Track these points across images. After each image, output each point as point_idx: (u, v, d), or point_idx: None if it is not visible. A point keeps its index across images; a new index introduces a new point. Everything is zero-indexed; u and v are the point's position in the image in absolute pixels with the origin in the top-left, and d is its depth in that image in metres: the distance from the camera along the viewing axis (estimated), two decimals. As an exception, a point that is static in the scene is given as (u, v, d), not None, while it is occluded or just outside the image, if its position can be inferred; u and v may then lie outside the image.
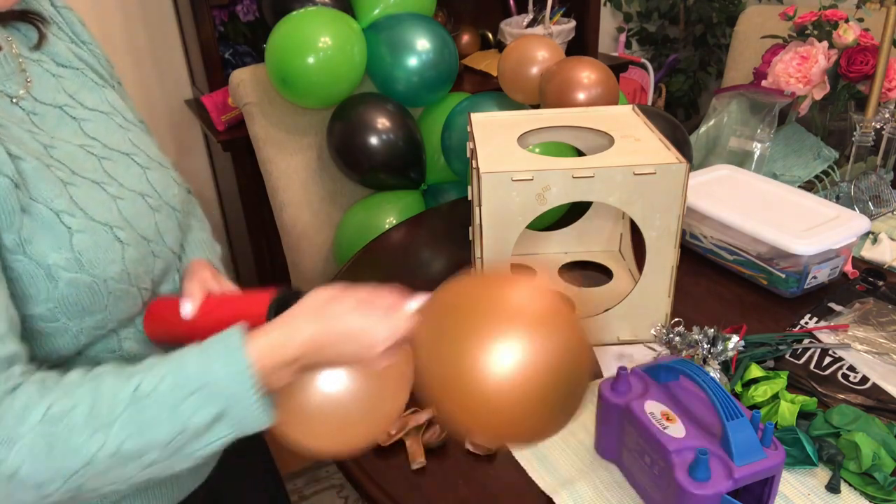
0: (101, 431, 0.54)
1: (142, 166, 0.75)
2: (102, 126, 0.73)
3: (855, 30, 1.52)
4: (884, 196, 1.37)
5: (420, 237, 1.44)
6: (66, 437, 0.54)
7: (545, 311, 0.58)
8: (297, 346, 0.60)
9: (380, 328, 0.60)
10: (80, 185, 0.66)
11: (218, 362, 0.58)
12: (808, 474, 0.80)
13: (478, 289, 0.61)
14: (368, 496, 0.82)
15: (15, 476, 0.53)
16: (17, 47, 0.70)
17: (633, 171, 0.92)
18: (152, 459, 0.57)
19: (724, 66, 2.34)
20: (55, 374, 0.58)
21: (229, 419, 0.58)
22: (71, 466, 0.54)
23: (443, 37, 1.68)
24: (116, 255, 0.67)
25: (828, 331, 1.04)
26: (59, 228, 0.62)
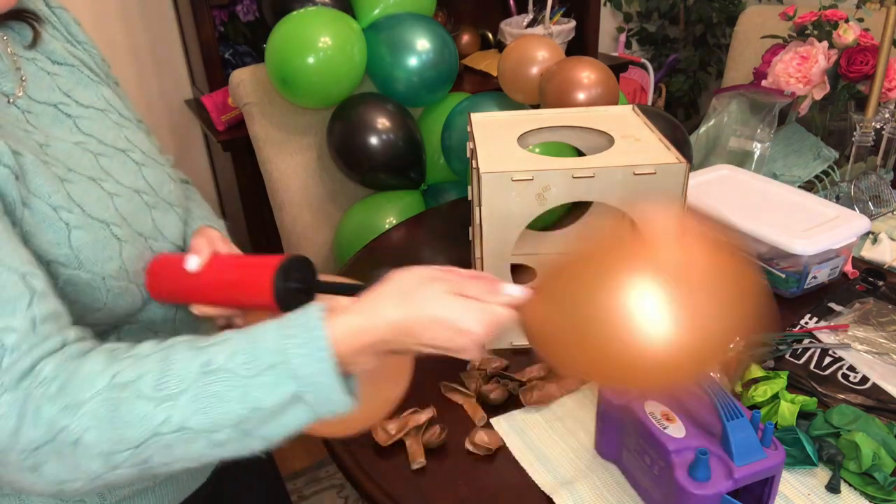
0: (168, 402, 0.52)
1: (137, 163, 0.75)
2: (97, 123, 0.73)
3: (855, 30, 1.52)
4: (884, 196, 1.37)
5: (420, 237, 1.44)
6: (130, 405, 0.52)
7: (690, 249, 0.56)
8: (382, 331, 0.56)
9: (475, 316, 0.56)
10: (77, 181, 0.66)
11: (295, 340, 0.54)
12: (808, 474, 0.80)
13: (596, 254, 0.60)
14: (368, 496, 0.82)
15: (79, 442, 0.51)
16: (11, 46, 0.70)
17: (633, 171, 0.92)
18: (223, 438, 0.53)
19: (724, 66, 2.34)
20: (126, 345, 0.57)
21: (306, 402, 0.54)
22: (136, 436, 0.52)
23: (443, 37, 1.68)
24: (114, 251, 0.66)
25: (828, 331, 1.04)
26: (57, 224, 0.62)
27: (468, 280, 0.58)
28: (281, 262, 0.67)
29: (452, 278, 0.58)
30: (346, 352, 0.55)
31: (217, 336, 0.56)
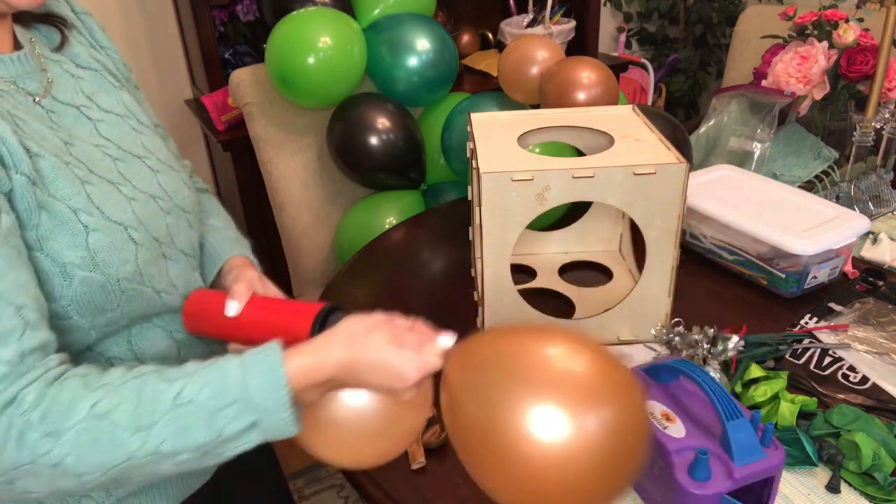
0: (143, 431, 0.57)
1: (153, 169, 0.76)
2: (117, 128, 0.74)
3: (855, 30, 1.52)
4: (884, 196, 1.37)
5: (420, 237, 1.44)
6: (109, 433, 0.57)
7: (598, 377, 0.55)
8: (330, 370, 0.62)
9: (410, 363, 0.63)
10: (97, 184, 0.67)
11: (256, 378, 0.60)
12: (808, 474, 0.80)
13: (518, 342, 0.59)
14: (368, 496, 0.82)
15: (59, 465, 0.56)
16: (39, 48, 0.71)
17: (633, 171, 0.92)
18: (185, 459, 0.59)
19: (724, 66, 2.34)
20: (97, 370, 0.60)
21: (260, 428, 0.61)
22: (112, 461, 0.57)
23: (443, 37, 1.68)
24: (130, 255, 0.68)
25: (828, 331, 1.04)
26: (75, 227, 0.63)
27: (406, 331, 0.65)
28: (318, 312, 0.71)
29: (393, 329, 0.65)
30: (299, 388, 0.61)
31: (184, 368, 0.61)
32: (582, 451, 0.51)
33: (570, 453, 0.51)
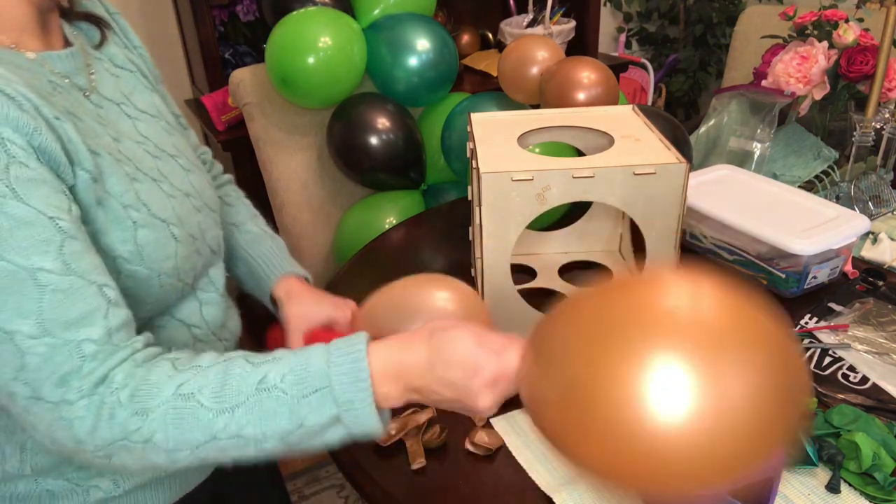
0: (227, 413, 0.57)
1: (185, 168, 0.78)
2: (152, 127, 0.76)
3: (855, 30, 1.52)
4: (884, 196, 1.37)
5: (420, 237, 1.44)
6: (194, 412, 0.57)
7: (729, 318, 0.42)
8: (411, 365, 0.60)
9: (489, 362, 0.59)
10: (143, 181, 0.69)
11: (340, 368, 0.59)
12: (808, 474, 0.80)
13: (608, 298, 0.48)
14: (368, 496, 0.82)
15: (150, 441, 0.57)
16: (84, 45, 0.72)
17: (633, 171, 0.92)
18: (271, 446, 0.59)
19: (724, 66, 2.34)
20: (187, 354, 0.61)
21: (344, 423, 0.59)
22: (197, 439, 0.57)
23: (443, 37, 1.68)
24: (171, 251, 0.69)
25: (828, 331, 1.04)
26: (126, 222, 0.65)
27: (491, 334, 0.63)
28: None
29: (476, 329, 0.62)
30: (382, 380, 0.60)
31: (271, 354, 0.61)
32: (719, 415, 0.42)
33: (703, 418, 0.41)
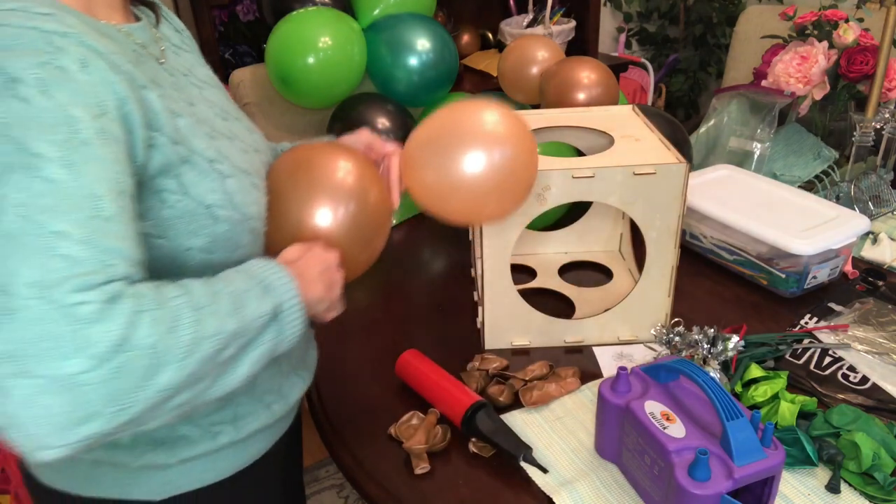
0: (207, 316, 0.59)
1: (249, 130, 0.82)
2: (216, 95, 0.80)
3: (855, 30, 1.52)
4: (884, 196, 1.37)
5: (420, 237, 1.44)
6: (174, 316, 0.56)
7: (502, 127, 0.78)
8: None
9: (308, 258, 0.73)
10: (220, 139, 0.72)
11: (269, 270, 0.67)
12: (808, 474, 0.80)
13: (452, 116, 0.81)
14: (368, 496, 0.82)
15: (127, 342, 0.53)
16: (147, 21, 0.75)
17: (633, 171, 0.92)
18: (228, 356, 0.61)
19: (724, 66, 2.34)
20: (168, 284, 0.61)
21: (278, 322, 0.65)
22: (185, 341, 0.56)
23: (443, 37, 1.68)
24: (254, 198, 0.74)
25: (828, 331, 1.04)
26: (213, 175, 0.68)
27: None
28: (474, 402, 0.87)
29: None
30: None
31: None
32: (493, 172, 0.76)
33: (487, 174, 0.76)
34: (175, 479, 0.73)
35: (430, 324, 1.12)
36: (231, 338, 0.60)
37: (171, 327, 0.56)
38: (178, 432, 0.71)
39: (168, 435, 0.71)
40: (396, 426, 0.89)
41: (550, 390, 0.92)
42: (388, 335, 1.09)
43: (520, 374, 0.96)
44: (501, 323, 1.03)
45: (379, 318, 1.14)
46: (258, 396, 0.76)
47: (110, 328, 0.52)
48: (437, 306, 1.16)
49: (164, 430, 0.71)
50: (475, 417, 0.86)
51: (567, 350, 1.04)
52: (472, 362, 0.99)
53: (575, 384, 0.94)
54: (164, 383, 0.55)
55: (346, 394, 0.96)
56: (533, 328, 1.03)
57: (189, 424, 0.72)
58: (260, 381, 0.76)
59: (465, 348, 1.04)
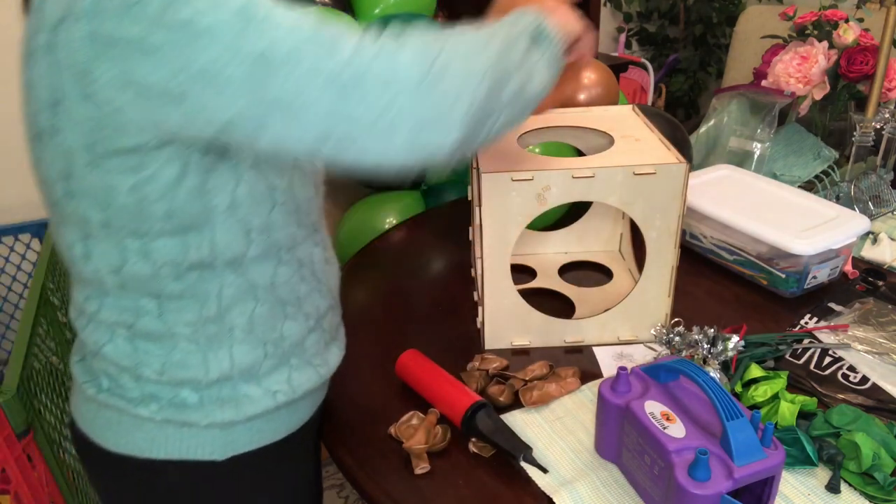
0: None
1: None
2: None
3: (855, 30, 1.52)
4: (884, 196, 1.37)
5: (420, 237, 1.44)
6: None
7: None
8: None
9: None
10: None
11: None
12: (808, 474, 0.80)
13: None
14: (368, 496, 0.82)
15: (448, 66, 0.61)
16: None
17: (633, 172, 0.92)
18: (521, 49, 0.67)
19: (724, 66, 2.34)
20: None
21: (542, 38, 0.70)
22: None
23: (443, 37, 1.68)
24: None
25: (828, 331, 1.04)
26: None
27: None
28: (473, 403, 0.87)
29: None
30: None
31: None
32: None
33: None
34: (237, 438, 0.76)
35: (430, 324, 1.12)
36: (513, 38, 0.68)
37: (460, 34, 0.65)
38: (240, 391, 0.74)
39: (232, 394, 0.74)
40: (396, 426, 0.89)
41: (550, 390, 0.92)
42: (388, 335, 1.09)
43: (520, 374, 0.96)
44: (501, 323, 1.03)
45: (379, 318, 1.14)
46: (308, 359, 0.80)
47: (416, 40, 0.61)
48: (437, 306, 1.16)
49: (227, 389, 0.73)
50: (475, 417, 0.86)
51: (567, 350, 1.04)
52: (472, 362, 0.99)
53: (575, 384, 0.95)
54: (482, 66, 0.62)
55: (346, 394, 0.97)
56: (533, 328, 1.03)
57: (250, 384, 0.74)
58: (309, 344, 0.79)
59: (465, 348, 1.04)
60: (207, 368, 0.71)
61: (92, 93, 0.58)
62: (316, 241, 0.78)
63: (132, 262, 0.65)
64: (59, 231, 0.69)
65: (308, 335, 0.79)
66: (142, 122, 0.58)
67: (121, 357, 0.71)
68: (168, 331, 0.69)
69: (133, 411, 0.72)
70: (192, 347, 0.70)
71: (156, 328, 0.69)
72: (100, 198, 0.63)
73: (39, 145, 0.64)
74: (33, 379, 1.27)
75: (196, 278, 0.67)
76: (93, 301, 0.70)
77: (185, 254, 0.66)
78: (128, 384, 0.72)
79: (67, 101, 0.59)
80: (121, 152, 0.60)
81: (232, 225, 0.67)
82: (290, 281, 0.74)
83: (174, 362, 0.70)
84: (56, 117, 0.61)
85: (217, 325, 0.70)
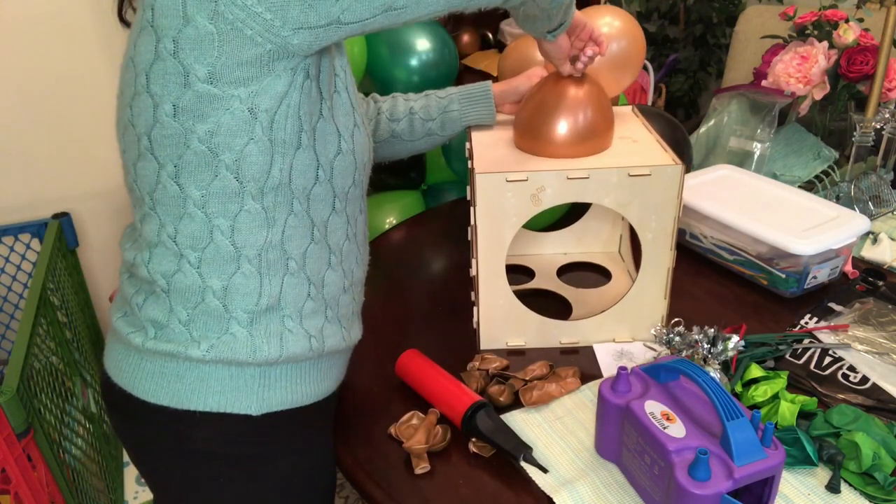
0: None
1: None
2: None
3: (855, 30, 1.52)
4: (884, 196, 1.37)
5: (420, 237, 1.44)
6: None
7: None
8: None
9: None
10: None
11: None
12: (808, 474, 0.80)
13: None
14: (368, 496, 0.82)
15: None
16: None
17: (628, 173, 0.92)
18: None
19: (724, 66, 2.34)
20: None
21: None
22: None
23: (443, 37, 1.68)
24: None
25: (828, 331, 1.04)
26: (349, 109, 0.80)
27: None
28: (474, 402, 0.87)
29: None
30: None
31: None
32: None
33: None
34: (272, 395, 0.78)
35: (430, 324, 1.12)
36: None
37: None
38: (285, 325, 0.77)
39: (278, 328, 0.77)
40: (396, 426, 0.89)
41: (550, 390, 0.92)
42: (388, 335, 1.09)
43: (520, 374, 0.96)
44: (497, 323, 1.03)
45: (379, 318, 1.14)
46: (338, 318, 0.84)
47: None
48: (437, 306, 1.16)
49: (275, 321, 0.77)
50: (475, 417, 0.86)
51: (563, 351, 1.04)
52: (472, 362, 0.99)
53: (575, 384, 0.94)
54: None
55: (346, 394, 0.97)
56: (528, 329, 1.03)
57: (293, 320, 0.78)
58: (342, 304, 0.84)
59: (465, 348, 1.04)
60: (260, 294, 0.75)
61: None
62: (362, 209, 0.86)
63: (221, 177, 0.70)
64: (146, 159, 0.72)
65: (343, 294, 0.84)
66: (261, 31, 0.64)
67: (188, 285, 0.74)
68: (236, 252, 0.73)
69: (184, 353, 0.75)
70: (252, 270, 0.74)
71: (226, 249, 0.73)
72: (206, 114, 0.68)
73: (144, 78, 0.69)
74: (33, 379, 1.27)
75: (271, 201, 0.72)
76: (167, 227, 0.74)
77: (269, 172, 0.71)
78: (178, 326, 0.75)
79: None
80: (241, 64, 0.66)
81: (309, 155, 0.73)
82: (339, 231, 0.80)
83: (235, 285, 0.74)
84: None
85: (278, 251, 0.75)
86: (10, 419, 1.14)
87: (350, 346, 0.88)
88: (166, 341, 0.76)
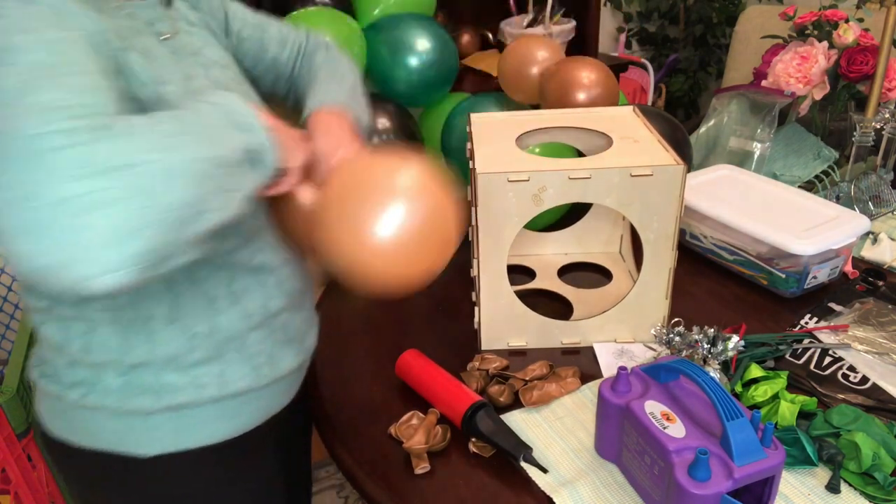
0: (176, 135, 0.59)
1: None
2: (224, 75, 0.80)
3: (855, 30, 1.52)
4: (884, 196, 1.37)
5: (420, 237, 1.44)
6: (151, 127, 0.57)
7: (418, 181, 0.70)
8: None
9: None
10: None
11: (240, 108, 0.66)
12: (808, 474, 0.80)
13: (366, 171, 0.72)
14: (368, 496, 0.82)
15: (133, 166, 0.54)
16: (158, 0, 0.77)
17: (629, 173, 0.92)
18: (206, 171, 0.59)
19: (724, 66, 2.34)
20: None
21: (251, 160, 0.64)
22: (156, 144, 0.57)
23: (443, 37, 1.68)
24: None
25: (828, 331, 1.04)
26: None
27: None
28: (474, 403, 0.87)
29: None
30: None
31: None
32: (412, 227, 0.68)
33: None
34: (162, 434, 0.76)
35: (430, 324, 1.12)
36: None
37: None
38: (162, 379, 0.74)
39: (154, 382, 0.74)
40: (396, 426, 0.89)
41: (551, 390, 0.92)
42: (388, 335, 1.09)
43: (520, 374, 0.96)
44: (497, 324, 1.03)
45: (379, 318, 1.14)
46: (247, 356, 0.78)
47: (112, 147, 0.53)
48: (437, 306, 1.16)
49: (150, 376, 0.74)
50: (475, 417, 0.86)
51: (564, 351, 1.04)
52: (472, 362, 0.99)
53: (575, 384, 0.95)
54: (178, 196, 0.55)
55: (346, 394, 0.97)
56: (529, 329, 1.03)
57: (175, 373, 0.74)
58: (251, 342, 0.78)
59: (465, 348, 1.04)
60: (127, 352, 0.73)
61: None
62: (258, 248, 0.78)
63: None
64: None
65: (249, 333, 0.78)
66: None
67: (52, 336, 0.74)
68: (86, 315, 0.72)
69: (65, 396, 0.75)
70: (111, 330, 0.72)
71: (72, 312, 0.72)
72: None
73: None
74: (33, 379, 1.27)
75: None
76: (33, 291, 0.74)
77: None
78: (62, 369, 0.75)
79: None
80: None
81: None
82: (215, 277, 0.74)
83: (96, 343, 0.73)
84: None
85: (133, 311, 0.72)
86: (10, 419, 1.14)
87: (274, 377, 0.82)
88: (55, 382, 0.76)
